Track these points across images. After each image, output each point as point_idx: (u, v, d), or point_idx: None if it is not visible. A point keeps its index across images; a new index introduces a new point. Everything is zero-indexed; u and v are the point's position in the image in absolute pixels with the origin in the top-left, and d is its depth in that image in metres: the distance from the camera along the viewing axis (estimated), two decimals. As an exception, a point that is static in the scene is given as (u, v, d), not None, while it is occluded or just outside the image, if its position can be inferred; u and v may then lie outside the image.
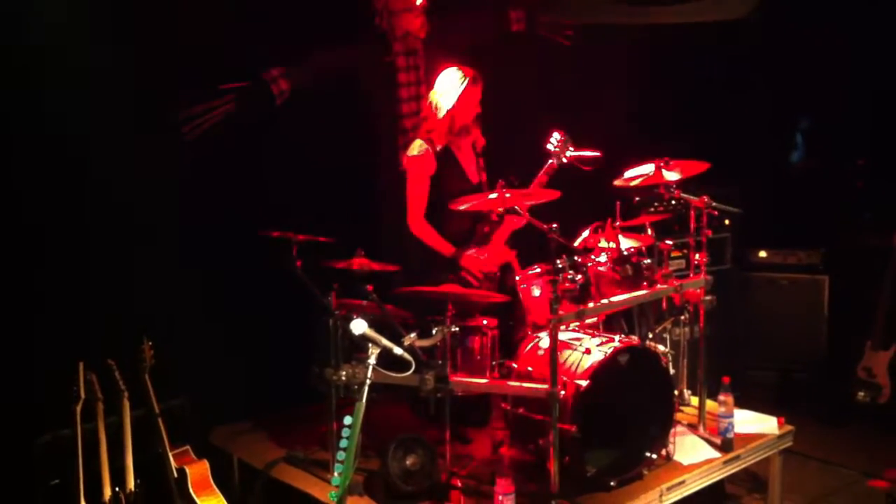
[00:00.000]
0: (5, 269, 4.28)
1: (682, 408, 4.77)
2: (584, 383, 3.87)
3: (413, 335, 3.43)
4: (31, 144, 4.36)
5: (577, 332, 4.33)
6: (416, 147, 4.72)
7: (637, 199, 5.56)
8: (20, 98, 4.28)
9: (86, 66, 4.39)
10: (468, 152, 4.85)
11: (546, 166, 4.77)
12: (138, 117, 4.57)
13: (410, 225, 4.71)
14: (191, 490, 4.00)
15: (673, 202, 4.54)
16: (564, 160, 4.79)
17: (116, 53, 4.46)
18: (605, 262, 4.26)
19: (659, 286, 4.30)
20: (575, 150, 4.81)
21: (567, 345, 4.13)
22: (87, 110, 4.37)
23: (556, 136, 4.83)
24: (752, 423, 4.62)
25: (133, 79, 4.53)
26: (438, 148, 4.72)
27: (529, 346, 4.26)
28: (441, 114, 4.67)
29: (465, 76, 4.67)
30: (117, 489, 3.88)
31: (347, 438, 2.98)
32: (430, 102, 4.72)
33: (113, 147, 4.49)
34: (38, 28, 4.31)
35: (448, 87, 4.68)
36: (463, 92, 4.65)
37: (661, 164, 4.42)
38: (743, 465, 4.41)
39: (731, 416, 4.33)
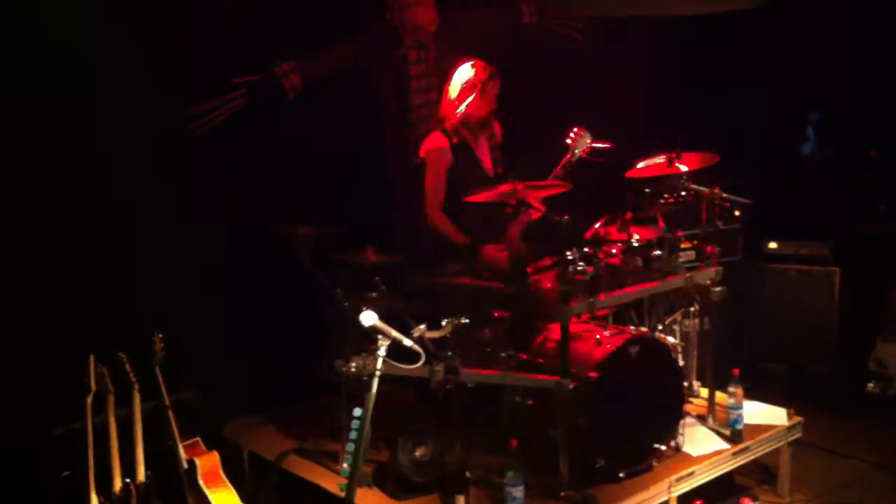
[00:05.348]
0: (16, 264, 4.29)
1: (691, 399, 4.77)
2: (594, 375, 3.87)
3: (423, 327, 3.43)
4: (33, 143, 4.36)
5: (588, 323, 4.33)
6: (434, 140, 4.71)
7: (648, 190, 5.53)
8: (21, 96, 4.27)
9: (91, 60, 4.39)
10: (485, 146, 4.83)
11: (563, 160, 4.71)
12: (147, 111, 4.57)
13: (429, 218, 4.70)
14: (200, 481, 4.00)
15: (684, 193, 4.52)
16: (581, 154, 4.75)
17: (125, 47, 4.46)
18: (616, 254, 4.25)
19: (669, 277, 4.30)
20: (592, 144, 4.77)
21: (577, 336, 4.12)
22: (91, 106, 4.38)
23: (574, 131, 4.76)
24: (762, 414, 4.61)
25: (142, 73, 4.53)
26: (455, 141, 4.70)
27: (540, 337, 4.25)
28: (460, 108, 4.65)
29: (484, 71, 4.65)
30: (128, 481, 3.89)
31: (357, 430, 2.99)
32: (449, 96, 4.70)
33: (121, 141, 4.49)
34: (42, 20, 4.31)
35: (467, 82, 4.66)
36: (482, 87, 4.63)
37: (673, 156, 4.41)
38: (752, 457, 4.41)
39: (741, 407, 4.34)
